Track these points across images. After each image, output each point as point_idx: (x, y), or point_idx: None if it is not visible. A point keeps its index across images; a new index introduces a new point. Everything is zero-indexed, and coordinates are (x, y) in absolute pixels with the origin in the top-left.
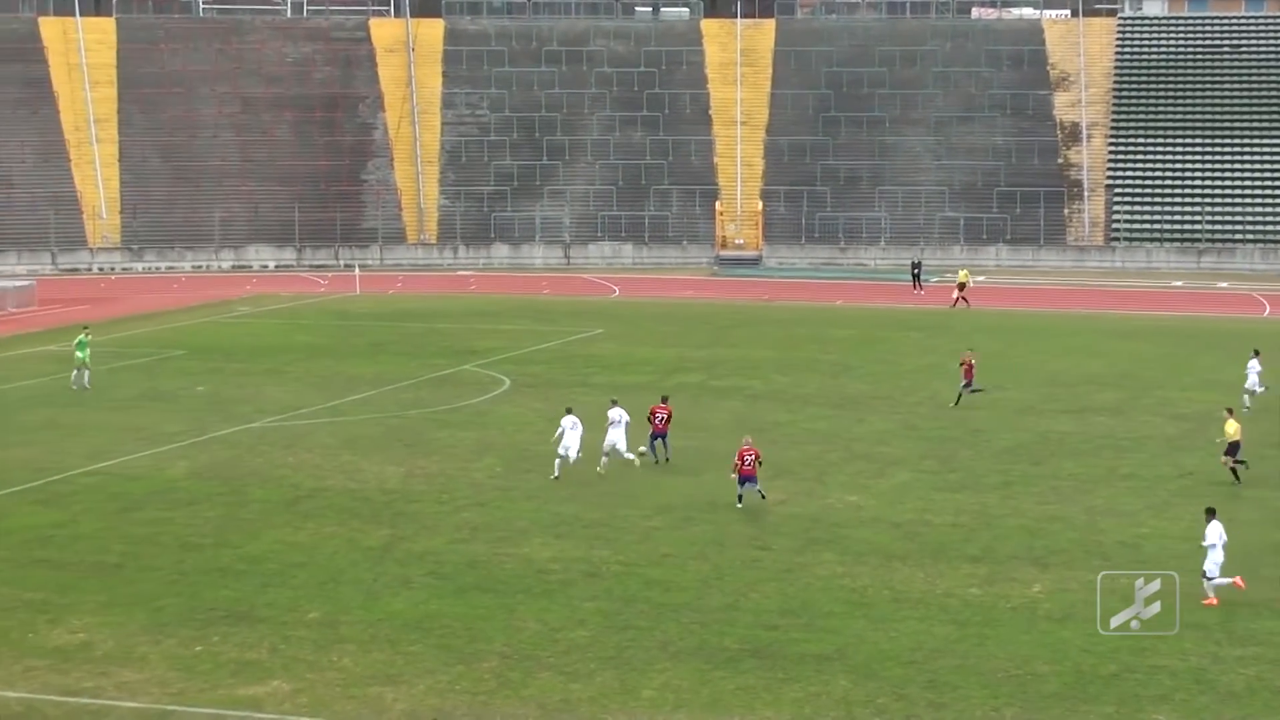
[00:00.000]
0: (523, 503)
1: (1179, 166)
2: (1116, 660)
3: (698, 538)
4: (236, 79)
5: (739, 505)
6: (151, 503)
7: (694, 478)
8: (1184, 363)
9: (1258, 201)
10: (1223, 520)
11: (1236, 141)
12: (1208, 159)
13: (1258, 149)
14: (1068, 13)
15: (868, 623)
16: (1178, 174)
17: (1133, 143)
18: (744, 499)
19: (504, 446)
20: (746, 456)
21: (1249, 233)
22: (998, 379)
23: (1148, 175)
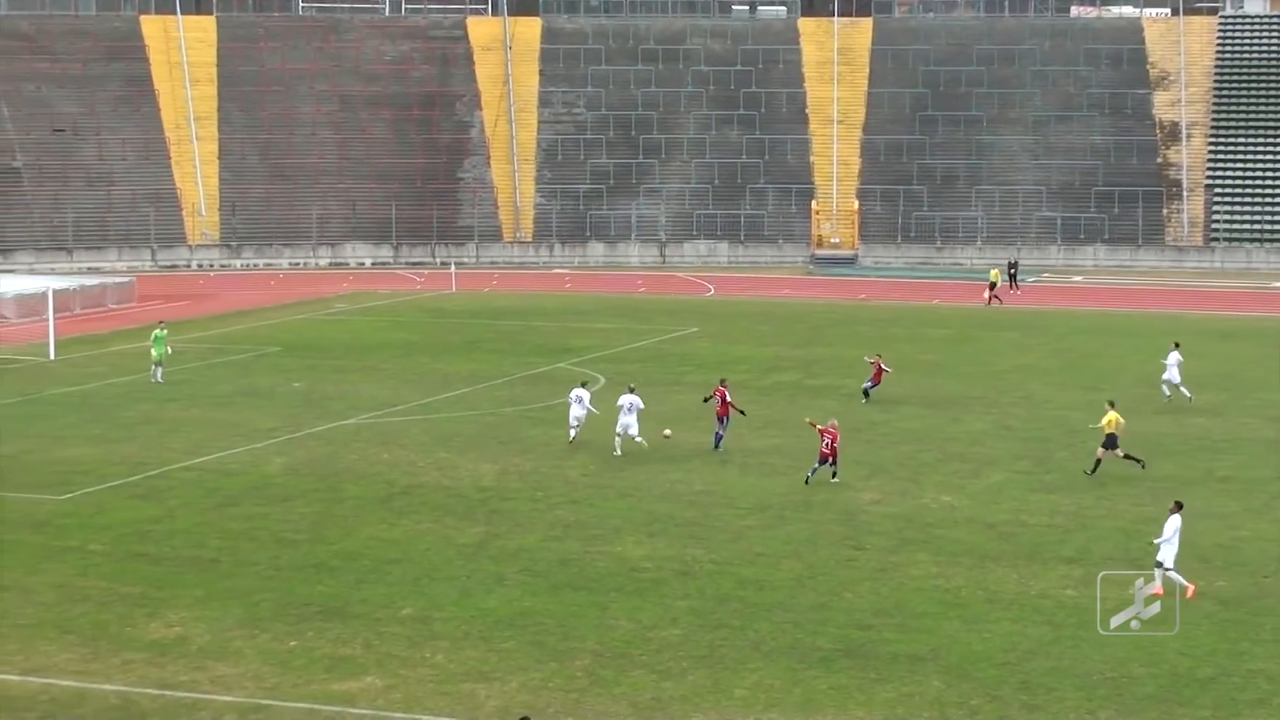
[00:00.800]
0: (616, 501)
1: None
2: (1213, 663)
3: (791, 537)
4: (335, 77)
5: (808, 482)
6: (248, 498)
7: (788, 477)
8: None
9: None
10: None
11: None
12: None
13: None
14: (1168, 11)
15: (962, 623)
16: (1278, 174)
17: (1233, 142)
18: (814, 477)
19: (598, 445)
20: (825, 436)
21: None
22: (1093, 380)
23: (1248, 175)
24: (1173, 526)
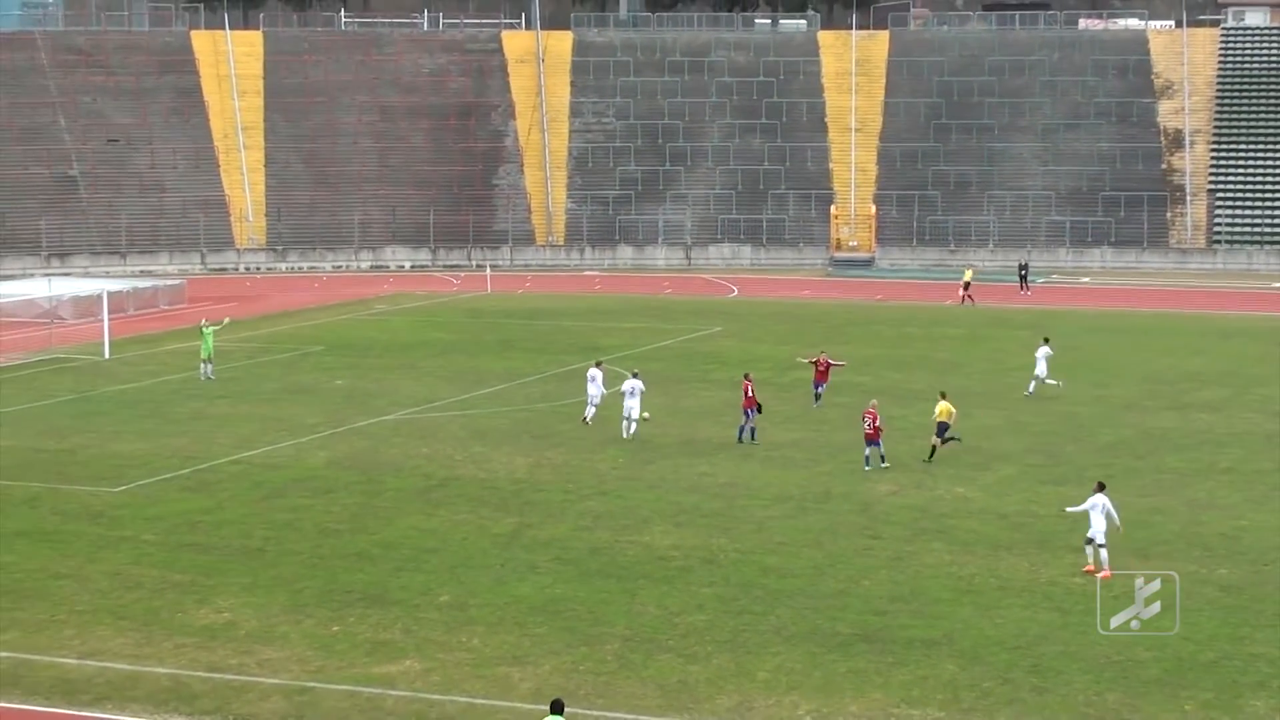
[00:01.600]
0: (644, 492)
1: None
2: (1214, 648)
3: (811, 527)
4: (375, 88)
5: (866, 469)
6: (292, 490)
7: (809, 470)
8: None
9: None
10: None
11: None
12: None
13: None
14: (1172, 23)
15: (974, 609)
16: (1278, 179)
17: (1234, 148)
18: (870, 461)
19: (627, 440)
20: (867, 417)
21: None
22: (1100, 377)
23: (1249, 180)
24: (1095, 504)
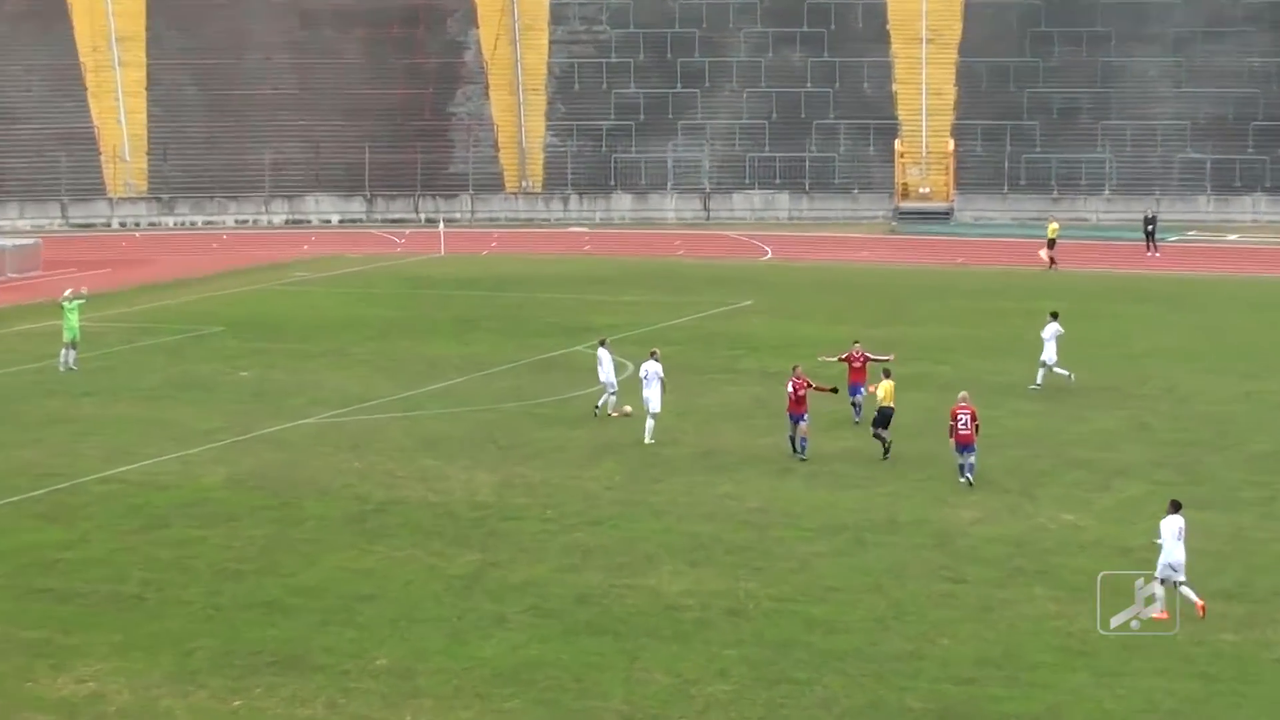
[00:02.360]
0: (649, 520)
1: None
2: None
3: (872, 566)
4: None
5: (961, 480)
6: (180, 518)
7: (866, 490)
8: None
9: None
10: None
11: None
12: None
13: None
14: None
15: (1089, 676)
16: None
17: None
18: (965, 472)
19: (626, 448)
20: (960, 415)
21: None
22: (1252, 367)
23: None
24: (1170, 529)
